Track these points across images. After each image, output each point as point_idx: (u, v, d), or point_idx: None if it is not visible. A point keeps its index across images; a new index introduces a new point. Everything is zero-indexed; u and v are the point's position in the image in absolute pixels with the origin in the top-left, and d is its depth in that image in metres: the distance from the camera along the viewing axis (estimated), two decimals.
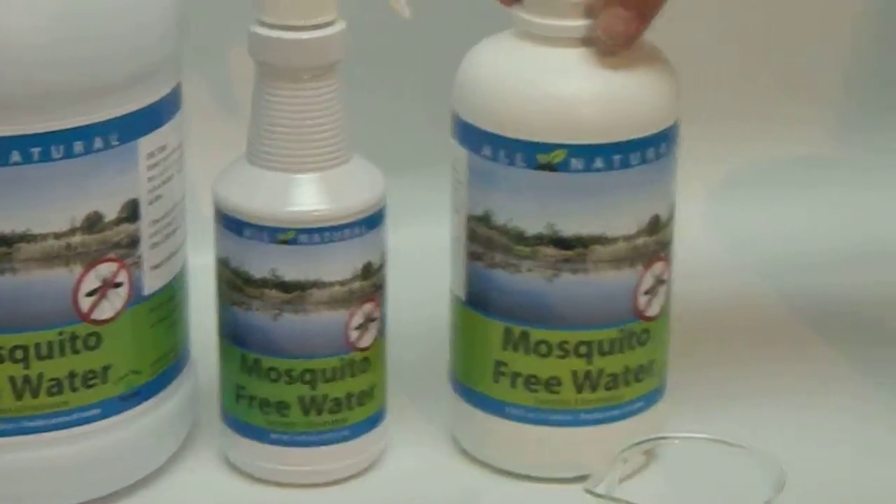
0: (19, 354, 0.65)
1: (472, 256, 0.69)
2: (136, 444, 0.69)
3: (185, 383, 0.72)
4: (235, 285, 0.67)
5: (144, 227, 0.67)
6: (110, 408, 0.68)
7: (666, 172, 0.68)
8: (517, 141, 0.65)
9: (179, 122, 0.69)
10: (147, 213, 0.67)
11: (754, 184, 0.98)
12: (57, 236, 0.63)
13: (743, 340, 0.82)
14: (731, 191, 0.97)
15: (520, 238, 0.67)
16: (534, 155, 0.64)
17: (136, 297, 0.67)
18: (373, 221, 0.66)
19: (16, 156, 0.61)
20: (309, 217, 0.65)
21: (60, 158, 0.62)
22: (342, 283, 0.66)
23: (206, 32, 0.79)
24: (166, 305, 0.70)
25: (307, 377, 0.67)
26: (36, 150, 0.61)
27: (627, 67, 0.65)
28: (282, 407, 0.68)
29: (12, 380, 0.64)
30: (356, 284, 0.66)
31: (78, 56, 0.63)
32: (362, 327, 0.68)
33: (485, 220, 0.67)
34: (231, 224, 0.67)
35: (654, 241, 0.68)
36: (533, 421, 0.68)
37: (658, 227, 0.68)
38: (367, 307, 0.68)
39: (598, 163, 0.64)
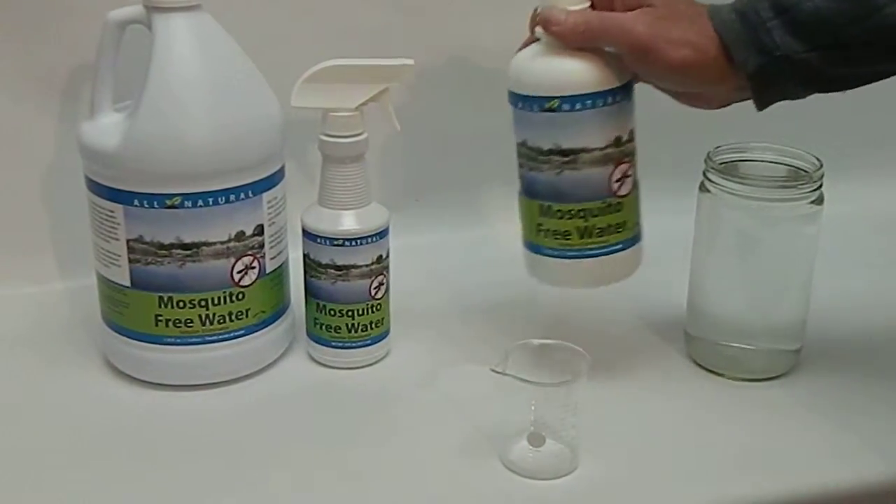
0: (206, 303, 0.82)
1: (520, 166, 0.84)
2: (262, 348, 0.88)
3: (287, 318, 0.91)
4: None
5: (266, 238, 0.84)
6: (250, 330, 0.86)
7: (624, 110, 0.79)
8: (533, 96, 0.80)
9: (284, 184, 0.86)
10: (268, 230, 0.84)
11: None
12: (221, 243, 0.81)
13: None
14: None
15: (539, 151, 0.81)
16: (542, 104, 0.80)
17: (262, 274, 0.84)
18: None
19: (200, 202, 0.80)
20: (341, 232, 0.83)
21: (223, 203, 0.81)
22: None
23: (296, 137, 0.88)
24: (278, 277, 0.87)
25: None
26: (211, 199, 0.80)
27: (591, 54, 0.79)
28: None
29: (199, 316, 0.82)
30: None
31: (229, 150, 0.80)
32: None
33: (522, 144, 0.83)
34: None
35: (618, 151, 0.81)
36: (557, 256, 0.84)
37: (621, 143, 0.81)
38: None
39: (578, 105, 0.79)
